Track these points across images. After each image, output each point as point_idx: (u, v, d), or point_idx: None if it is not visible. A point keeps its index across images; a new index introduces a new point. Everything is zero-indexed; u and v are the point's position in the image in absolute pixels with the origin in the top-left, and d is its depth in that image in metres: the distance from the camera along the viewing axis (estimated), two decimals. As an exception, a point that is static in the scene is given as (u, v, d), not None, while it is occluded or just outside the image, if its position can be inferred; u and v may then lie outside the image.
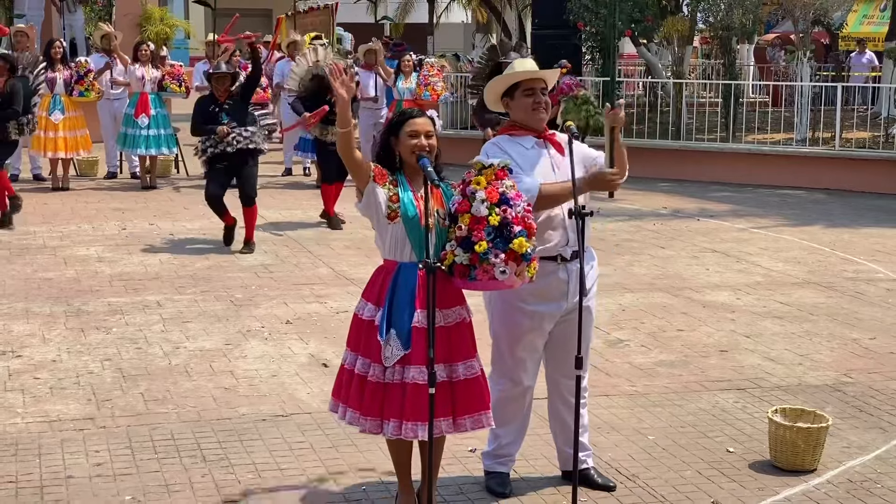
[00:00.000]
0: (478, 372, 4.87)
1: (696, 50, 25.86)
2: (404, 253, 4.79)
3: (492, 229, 4.61)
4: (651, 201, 14.78)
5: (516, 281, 4.69)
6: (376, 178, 4.79)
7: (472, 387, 4.83)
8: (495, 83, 5.26)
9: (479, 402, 4.86)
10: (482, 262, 4.61)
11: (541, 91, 5.16)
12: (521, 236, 4.62)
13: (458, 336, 4.83)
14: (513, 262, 4.62)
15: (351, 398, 4.84)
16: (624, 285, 9.67)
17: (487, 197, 4.63)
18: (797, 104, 17.62)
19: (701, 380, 7.19)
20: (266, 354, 7.58)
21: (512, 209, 4.64)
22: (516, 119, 5.22)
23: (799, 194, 15.72)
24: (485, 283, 4.66)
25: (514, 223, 4.62)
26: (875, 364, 7.58)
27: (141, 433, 6.07)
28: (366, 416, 4.78)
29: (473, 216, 4.63)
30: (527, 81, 5.16)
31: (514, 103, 5.19)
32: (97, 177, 16.09)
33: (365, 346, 4.82)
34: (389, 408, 4.73)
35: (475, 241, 4.61)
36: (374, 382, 4.76)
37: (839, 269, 10.66)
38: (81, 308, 8.70)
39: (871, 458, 5.90)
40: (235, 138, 11.00)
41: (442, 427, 4.75)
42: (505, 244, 4.61)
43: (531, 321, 5.18)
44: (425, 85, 15.98)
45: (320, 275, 10.02)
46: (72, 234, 11.76)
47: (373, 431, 4.80)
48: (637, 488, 5.45)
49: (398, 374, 4.73)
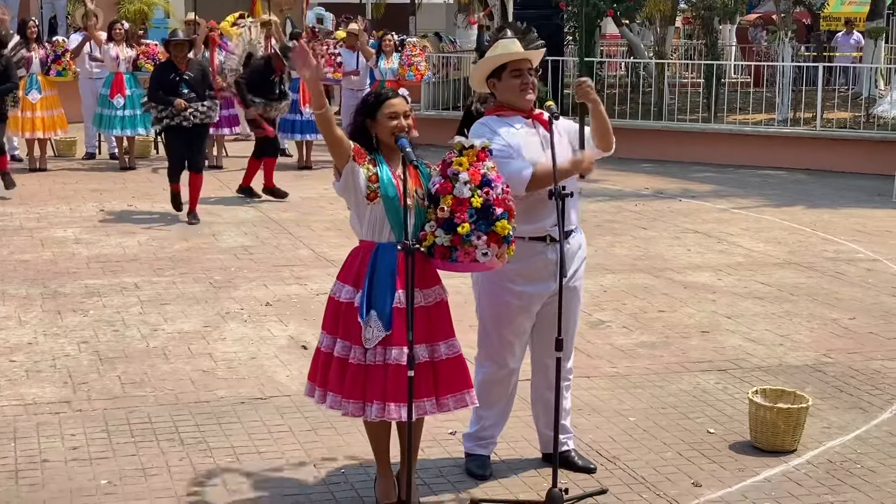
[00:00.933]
0: (459, 351, 4.84)
1: (679, 30, 25.82)
2: (383, 233, 4.74)
3: (474, 211, 4.60)
4: (633, 182, 14.76)
5: (496, 263, 4.69)
6: (356, 158, 4.73)
7: (454, 366, 4.81)
8: (483, 64, 5.23)
9: (462, 382, 4.83)
10: (464, 244, 4.60)
11: (528, 71, 5.13)
12: (503, 218, 4.62)
13: (438, 315, 4.81)
14: (495, 244, 4.63)
15: (331, 382, 4.79)
16: (605, 266, 9.65)
17: (470, 178, 4.61)
18: (779, 84, 17.61)
19: (682, 361, 7.18)
20: (245, 337, 7.53)
21: (493, 191, 4.63)
22: (504, 100, 5.19)
23: (780, 175, 15.72)
24: (466, 264, 4.66)
25: (496, 205, 4.61)
26: (855, 344, 7.58)
27: (118, 416, 6.02)
28: (348, 399, 4.73)
29: (456, 198, 4.61)
30: (514, 62, 5.13)
31: (501, 84, 5.16)
32: (76, 157, 15.97)
33: (344, 328, 4.77)
34: (372, 390, 4.69)
35: (458, 223, 4.60)
36: (356, 365, 4.71)
37: (820, 249, 10.67)
38: (58, 290, 8.63)
39: (851, 439, 5.89)
40: (193, 113, 11.21)
41: (426, 407, 4.73)
42: (487, 226, 4.60)
43: (519, 302, 5.15)
44: (408, 65, 15.90)
45: (300, 256, 9.96)
46: (49, 215, 11.67)
47: (355, 414, 4.75)
48: (617, 470, 5.44)
49: (380, 356, 4.69)
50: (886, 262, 10.05)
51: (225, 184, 13.86)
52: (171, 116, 11.24)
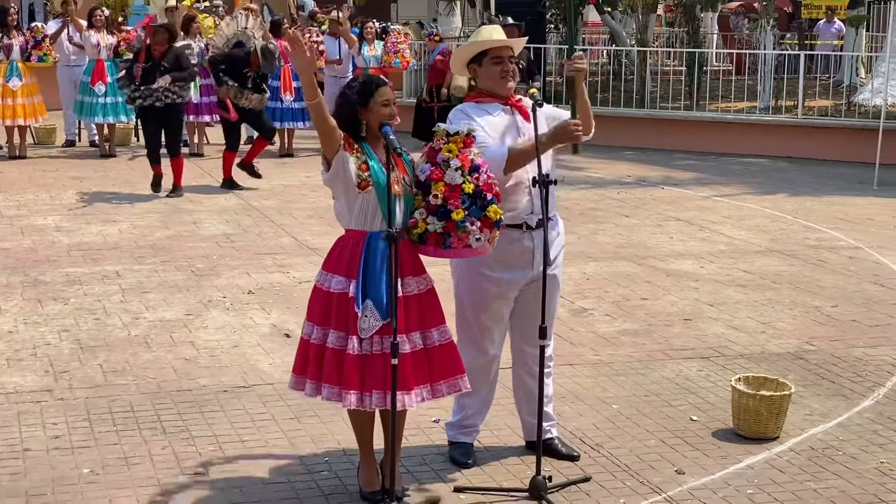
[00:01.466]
0: (450, 337, 4.86)
1: (660, 18, 25.82)
2: (374, 222, 4.72)
3: (466, 197, 4.63)
4: (615, 170, 14.76)
5: (488, 247, 4.74)
6: (346, 147, 4.71)
7: (446, 352, 4.82)
8: (464, 50, 5.23)
9: (454, 367, 4.85)
10: (458, 230, 4.63)
11: (508, 59, 5.12)
12: (493, 203, 4.67)
13: (430, 303, 4.82)
14: (487, 229, 4.68)
15: (326, 374, 4.73)
16: (588, 254, 9.65)
17: (462, 164, 4.64)
18: (760, 72, 17.64)
19: (664, 348, 7.19)
20: (227, 325, 7.50)
21: (482, 176, 4.67)
22: (483, 86, 5.19)
23: (762, 162, 15.75)
24: (459, 250, 4.70)
25: (485, 190, 4.65)
26: (837, 332, 7.61)
27: (99, 405, 5.99)
28: (347, 391, 4.67)
29: (448, 184, 4.62)
30: (495, 49, 5.12)
31: (481, 71, 5.15)
32: (56, 145, 15.88)
33: (337, 319, 4.72)
34: (371, 379, 4.66)
35: (452, 209, 4.61)
36: (354, 356, 4.67)
37: (801, 237, 10.69)
38: (38, 278, 8.58)
39: (833, 426, 5.91)
40: (165, 93, 11.65)
41: (423, 394, 4.74)
42: (480, 212, 4.64)
43: (497, 288, 5.14)
44: (394, 52, 15.86)
45: (283, 244, 9.94)
46: (29, 203, 11.61)
47: (357, 406, 4.71)
48: (601, 457, 5.44)
49: (377, 345, 4.67)
50: (868, 250, 10.09)
51: (206, 171, 13.81)
52: (144, 96, 11.70)
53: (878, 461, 5.45)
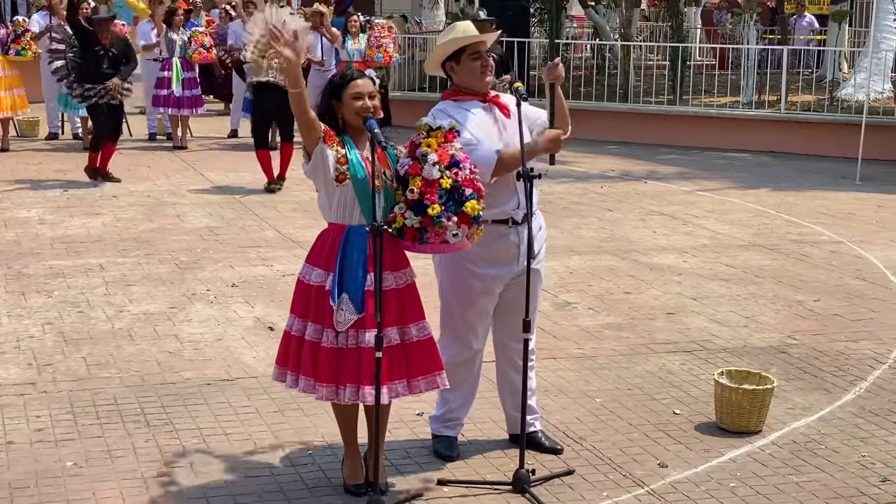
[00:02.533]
0: (429, 333, 4.85)
1: (644, 12, 25.85)
2: (353, 216, 4.73)
3: (444, 192, 4.59)
4: (599, 164, 14.79)
5: (466, 243, 4.71)
6: (326, 140, 4.72)
7: (424, 348, 4.81)
8: (441, 48, 5.20)
9: (432, 364, 4.84)
10: (434, 226, 4.60)
11: (485, 54, 5.13)
12: (472, 199, 4.62)
13: (409, 298, 4.81)
14: (465, 225, 4.63)
15: (303, 366, 4.76)
16: (571, 248, 9.67)
17: (439, 159, 4.60)
18: (743, 67, 17.68)
19: (648, 342, 7.21)
20: (211, 318, 7.49)
21: (462, 171, 4.63)
22: (461, 83, 5.17)
23: (745, 157, 15.80)
24: (436, 246, 4.66)
25: (465, 186, 4.61)
26: (819, 326, 7.64)
27: (83, 398, 5.98)
28: (321, 383, 4.70)
29: (425, 179, 4.60)
30: (472, 45, 5.12)
31: (459, 67, 5.14)
32: (38, 138, 15.81)
33: (315, 311, 4.75)
34: (346, 373, 4.68)
35: (428, 204, 4.58)
36: (329, 348, 4.69)
37: (784, 231, 10.74)
38: (22, 271, 8.56)
39: (815, 420, 5.95)
40: (121, 92, 11.85)
41: (398, 389, 4.73)
42: (457, 207, 4.60)
43: (482, 284, 5.15)
44: (377, 47, 15.82)
45: (266, 237, 9.93)
46: (12, 195, 11.56)
47: (328, 398, 4.74)
48: (584, 451, 5.46)
49: (352, 339, 4.68)
50: (850, 245, 10.13)
51: (189, 164, 13.78)
52: (100, 95, 11.80)
53: (859, 455, 5.49)
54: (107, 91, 11.69)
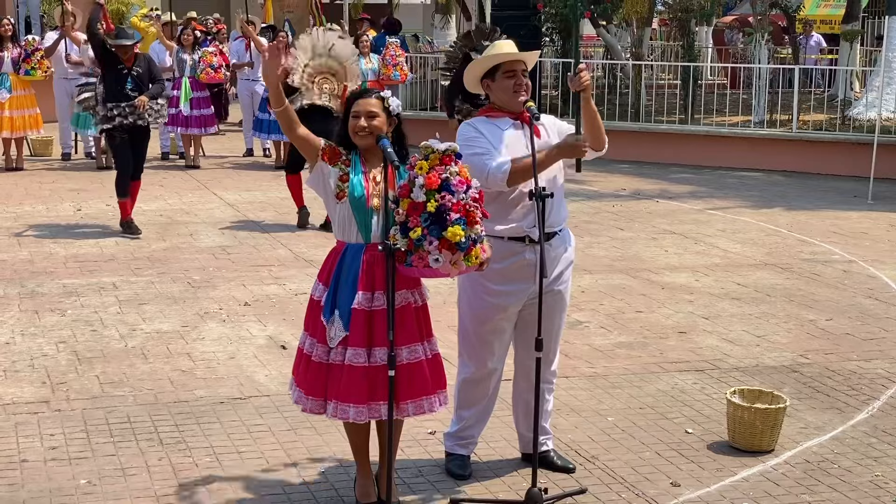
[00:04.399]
0: (421, 357, 4.81)
1: (655, 32, 25.90)
2: (351, 233, 4.78)
3: (428, 216, 4.50)
4: (610, 183, 14.80)
5: (451, 270, 4.56)
6: (325, 157, 4.78)
7: (414, 372, 4.78)
8: (477, 64, 5.23)
9: (422, 388, 4.81)
10: (417, 249, 4.52)
11: (521, 73, 5.14)
12: (457, 224, 4.49)
13: (402, 320, 4.75)
14: (447, 251, 4.50)
15: (298, 378, 4.88)
16: (583, 267, 9.67)
17: (426, 183, 4.51)
18: (755, 86, 17.68)
19: (660, 361, 7.21)
20: (224, 336, 7.51)
21: (453, 196, 4.51)
22: (496, 100, 5.20)
23: (757, 176, 15.80)
24: (420, 269, 4.57)
25: (454, 210, 4.50)
26: (831, 345, 7.63)
27: (96, 416, 6.00)
28: (308, 396, 4.80)
29: (412, 201, 4.54)
30: (508, 63, 5.14)
31: (495, 85, 5.17)
32: (52, 157, 15.88)
33: (312, 326, 4.84)
34: (332, 388, 4.74)
35: (411, 227, 4.53)
36: (317, 363, 4.77)
37: (796, 250, 10.73)
38: (36, 290, 8.59)
39: (828, 439, 5.94)
40: (148, 112, 10.79)
41: (381, 411, 4.70)
42: (440, 231, 4.50)
43: (498, 301, 5.16)
44: (394, 65, 15.89)
45: (279, 256, 9.95)
46: (26, 214, 11.62)
47: (315, 411, 4.82)
48: (596, 469, 5.46)
49: (339, 356, 4.73)
50: (862, 264, 10.12)
51: (202, 184, 13.83)
52: (124, 115, 10.70)
53: (872, 474, 5.48)
54: (133, 109, 10.67)
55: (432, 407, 4.86)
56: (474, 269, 4.64)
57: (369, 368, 4.68)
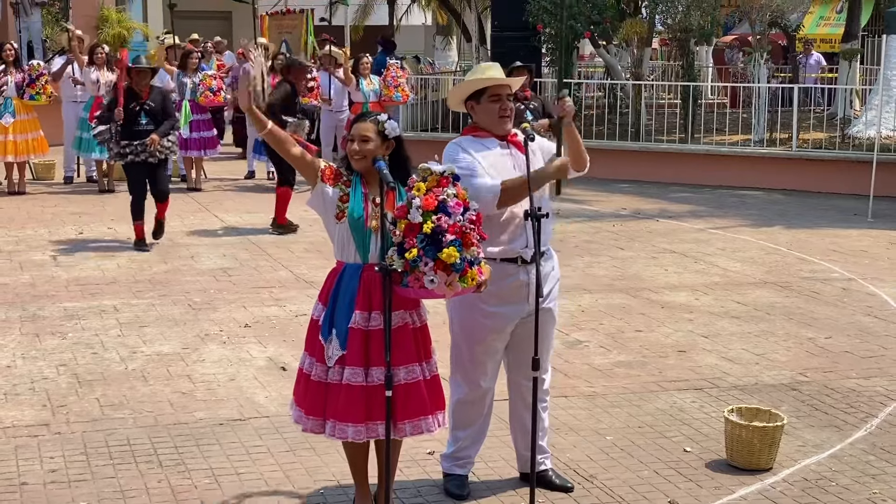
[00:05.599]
0: (419, 377, 4.83)
1: (655, 52, 25.97)
2: (349, 253, 4.83)
3: (424, 237, 4.52)
4: (610, 202, 14.83)
5: (447, 291, 4.59)
6: (325, 178, 4.82)
7: (411, 392, 4.80)
8: (463, 87, 5.26)
9: (419, 408, 4.83)
10: (413, 270, 4.55)
11: (507, 97, 5.17)
12: (452, 246, 4.52)
13: (399, 340, 4.77)
14: (442, 272, 4.53)
15: (298, 397, 4.92)
16: (583, 286, 9.70)
17: (423, 205, 4.55)
18: (755, 105, 17.74)
19: (659, 380, 7.22)
20: (224, 358, 7.54)
21: (450, 217, 4.54)
22: (479, 122, 5.23)
23: (757, 195, 15.82)
24: (416, 290, 4.60)
25: (450, 232, 4.52)
26: (830, 363, 7.64)
27: (96, 439, 6.02)
28: (308, 416, 4.83)
29: (409, 222, 4.57)
30: (494, 87, 5.16)
31: (479, 108, 5.20)
32: (54, 181, 15.93)
33: (311, 345, 4.88)
34: (331, 407, 4.77)
35: (407, 248, 4.55)
36: (316, 382, 4.81)
37: (796, 268, 10.74)
38: (37, 313, 8.62)
39: (826, 457, 5.94)
40: (159, 150, 10.98)
41: (378, 431, 4.73)
42: (435, 253, 4.52)
43: (491, 322, 5.18)
44: (395, 86, 15.94)
45: (280, 278, 9.98)
46: (28, 238, 11.65)
47: (314, 431, 4.85)
48: (595, 489, 5.47)
49: (337, 375, 4.76)
50: (861, 282, 10.13)
51: (204, 206, 13.87)
52: (136, 153, 10.96)
53: (870, 492, 5.49)
54: (144, 148, 10.90)
55: (430, 427, 4.88)
56: (471, 290, 4.66)
57: (367, 388, 4.70)
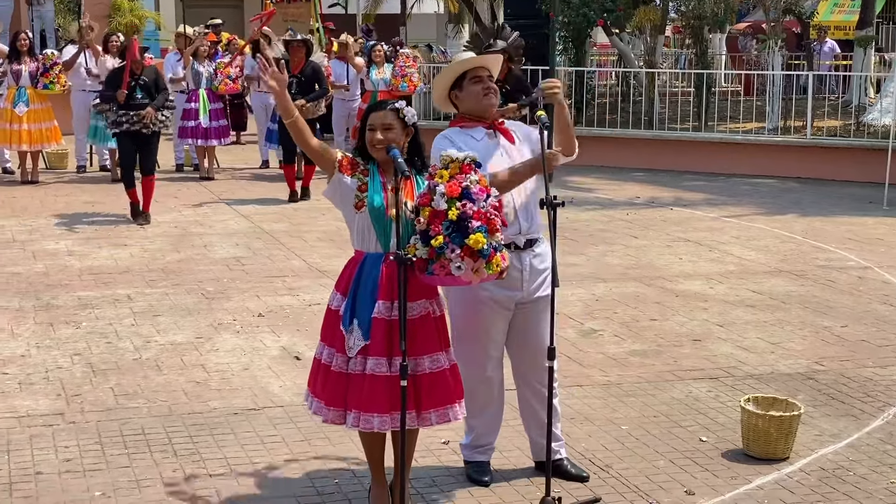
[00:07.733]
0: (444, 366, 4.83)
1: (669, 39, 25.89)
2: (370, 243, 4.79)
3: (449, 224, 4.52)
4: (624, 191, 14.78)
5: (473, 277, 4.58)
6: (342, 169, 4.78)
7: (437, 381, 4.79)
8: (441, 78, 5.27)
9: (445, 397, 4.82)
10: (439, 257, 4.53)
11: (487, 78, 5.18)
12: (479, 232, 4.51)
13: (423, 329, 4.78)
14: (469, 258, 4.52)
15: (317, 388, 4.87)
16: (597, 275, 9.67)
17: (447, 191, 4.54)
18: (769, 93, 17.66)
19: (674, 369, 7.19)
20: (238, 347, 7.53)
21: (474, 204, 4.54)
22: (466, 109, 5.23)
23: (771, 183, 15.76)
24: (442, 277, 4.59)
25: (475, 218, 4.52)
26: (847, 352, 7.61)
27: (111, 428, 6.02)
28: (329, 406, 4.79)
29: (433, 210, 4.55)
30: (472, 70, 5.19)
31: (462, 94, 5.21)
32: (67, 170, 15.95)
33: (330, 335, 4.84)
34: (353, 398, 4.73)
35: (432, 235, 4.54)
36: (337, 372, 4.77)
37: (811, 257, 10.70)
38: (51, 302, 8.63)
39: (843, 446, 5.91)
40: (152, 121, 11.78)
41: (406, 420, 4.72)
42: (462, 239, 4.51)
43: (486, 305, 5.18)
44: (402, 76, 15.91)
45: (293, 267, 9.97)
46: (41, 227, 11.67)
47: (335, 422, 4.81)
48: (610, 478, 5.45)
49: (360, 365, 4.72)
50: (877, 270, 10.08)
51: (217, 195, 13.87)
52: (132, 122, 11.77)
53: (888, 481, 5.45)
54: (140, 118, 11.70)
55: (456, 415, 4.87)
56: (495, 276, 4.65)
57: (391, 377, 4.67)
